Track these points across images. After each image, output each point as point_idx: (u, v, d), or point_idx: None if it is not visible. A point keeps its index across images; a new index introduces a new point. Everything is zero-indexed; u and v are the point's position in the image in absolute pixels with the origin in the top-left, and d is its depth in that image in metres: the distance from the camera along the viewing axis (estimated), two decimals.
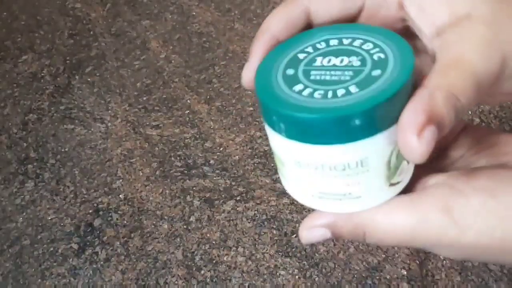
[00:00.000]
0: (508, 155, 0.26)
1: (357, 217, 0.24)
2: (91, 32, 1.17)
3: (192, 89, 1.06)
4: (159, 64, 1.11)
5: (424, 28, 0.24)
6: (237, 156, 0.96)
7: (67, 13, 1.21)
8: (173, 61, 1.11)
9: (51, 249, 0.86)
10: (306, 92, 0.22)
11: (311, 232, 0.25)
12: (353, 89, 0.22)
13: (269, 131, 0.24)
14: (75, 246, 0.86)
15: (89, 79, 1.09)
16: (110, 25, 1.18)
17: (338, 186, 0.23)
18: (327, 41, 0.25)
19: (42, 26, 1.18)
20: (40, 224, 0.88)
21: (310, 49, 0.25)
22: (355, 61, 0.23)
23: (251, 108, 1.03)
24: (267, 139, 0.99)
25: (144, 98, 1.05)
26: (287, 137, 0.23)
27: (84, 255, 0.85)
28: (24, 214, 0.90)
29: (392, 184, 0.24)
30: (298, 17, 0.26)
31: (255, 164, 0.94)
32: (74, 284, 0.82)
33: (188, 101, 1.04)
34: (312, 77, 0.23)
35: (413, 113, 0.20)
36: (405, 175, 0.24)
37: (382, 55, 0.23)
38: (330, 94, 0.22)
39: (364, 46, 0.24)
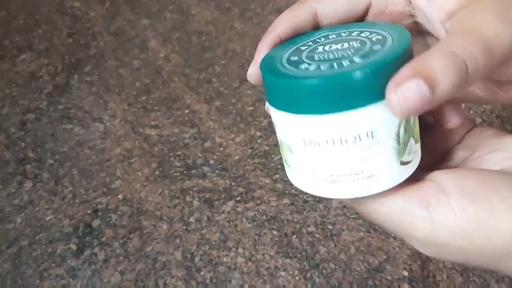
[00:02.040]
0: (509, 159, 0.26)
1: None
2: (90, 31, 1.16)
3: (192, 88, 1.06)
4: (158, 64, 1.10)
5: (434, 15, 0.24)
6: (237, 156, 0.95)
7: (66, 12, 1.20)
8: (172, 60, 1.11)
9: (50, 249, 0.85)
10: (312, 67, 0.23)
11: None
12: (357, 59, 0.22)
13: (275, 114, 0.24)
14: (74, 247, 0.85)
15: (87, 79, 1.08)
16: (109, 24, 1.18)
17: (350, 163, 0.23)
18: (326, 36, 0.26)
19: (41, 25, 1.18)
20: (39, 224, 0.88)
21: (311, 43, 0.26)
22: (356, 44, 0.24)
23: (251, 108, 1.02)
24: (267, 139, 0.99)
25: (143, 98, 1.05)
26: (294, 112, 0.23)
27: (83, 256, 0.84)
28: (23, 214, 0.89)
29: (403, 163, 0.24)
30: (305, 19, 0.27)
31: (255, 164, 0.94)
32: (72, 285, 0.81)
33: (188, 100, 1.04)
34: (316, 58, 0.24)
35: (401, 70, 0.20)
36: (415, 156, 0.24)
37: (380, 37, 0.24)
38: (335, 65, 0.22)
39: (362, 35, 0.25)
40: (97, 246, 0.85)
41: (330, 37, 0.26)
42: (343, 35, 0.25)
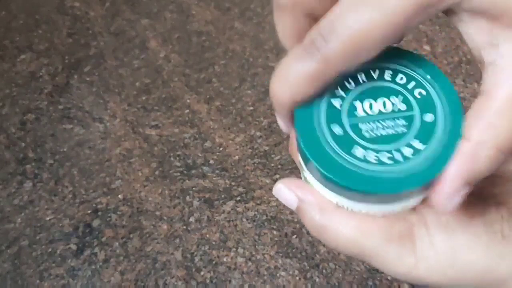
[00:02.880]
0: (505, 184, 0.25)
1: (330, 215, 0.24)
2: (90, 31, 1.16)
3: (192, 88, 1.06)
4: (158, 64, 1.10)
5: (475, 34, 0.21)
6: (237, 156, 0.95)
7: (66, 12, 1.20)
8: (172, 60, 1.11)
9: (50, 249, 0.85)
10: (370, 157, 0.21)
11: (285, 190, 0.25)
12: (417, 144, 0.21)
13: (310, 178, 0.23)
14: (74, 247, 0.85)
15: (87, 79, 1.08)
16: (109, 24, 1.18)
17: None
18: (354, 77, 0.23)
19: (41, 25, 1.18)
20: (39, 224, 0.88)
21: (340, 91, 0.22)
22: (399, 103, 0.22)
23: (251, 108, 1.02)
24: (267, 139, 0.99)
25: (143, 98, 1.05)
26: (337, 194, 0.22)
27: (83, 255, 0.84)
28: (23, 214, 0.89)
29: None
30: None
31: (255, 164, 0.94)
32: (72, 285, 0.81)
33: (188, 100, 1.04)
34: (366, 134, 0.21)
35: (452, 179, 0.20)
36: None
37: (422, 90, 0.22)
38: (399, 156, 0.21)
39: (398, 79, 0.22)
40: (97, 246, 0.85)
41: (359, 78, 0.22)
42: (374, 75, 0.23)
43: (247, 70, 1.08)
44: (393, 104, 0.22)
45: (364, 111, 0.22)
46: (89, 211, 0.89)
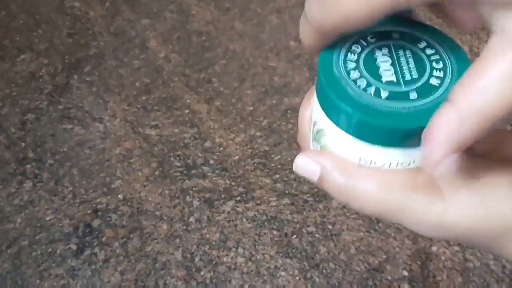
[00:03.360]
0: None
1: (354, 175, 0.24)
2: (90, 31, 1.16)
3: (192, 88, 1.06)
4: (158, 64, 1.10)
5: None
6: (237, 156, 0.95)
7: (66, 12, 1.20)
8: (172, 60, 1.11)
9: (50, 249, 0.85)
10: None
11: (306, 161, 0.25)
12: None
13: (329, 127, 0.25)
14: (74, 247, 0.85)
15: (87, 79, 1.08)
16: (109, 24, 1.18)
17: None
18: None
19: (41, 25, 1.18)
20: (39, 224, 0.88)
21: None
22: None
23: (251, 108, 1.02)
24: (267, 139, 0.99)
25: (143, 98, 1.05)
26: (357, 137, 0.23)
27: (83, 256, 0.84)
28: (23, 214, 0.89)
29: None
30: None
31: (255, 164, 0.94)
32: (72, 285, 0.81)
33: (188, 100, 1.04)
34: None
35: (437, 146, 0.21)
36: None
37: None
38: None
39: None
40: (97, 246, 0.85)
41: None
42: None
43: (247, 70, 1.08)
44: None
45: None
46: (89, 211, 0.89)
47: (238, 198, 0.89)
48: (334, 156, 0.25)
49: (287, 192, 0.90)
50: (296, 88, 1.04)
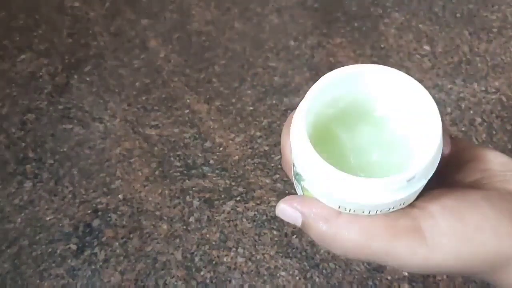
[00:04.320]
0: (482, 172, 0.26)
1: (334, 223, 0.24)
2: (90, 31, 1.16)
3: (192, 88, 1.06)
4: (158, 64, 1.10)
5: None
6: (237, 156, 0.95)
7: (66, 12, 1.20)
8: (172, 60, 1.11)
9: (50, 249, 0.85)
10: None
11: (288, 209, 0.26)
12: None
13: (308, 184, 0.25)
14: (74, 247, 0.85)
15: (87, 79, 1.08)
16: (109, 24, 1.18)
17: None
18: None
19: (41, 25, 1.18)
20: (39, 224, 0.88)
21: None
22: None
23: (251, 108, 1.02)
24: (267, 139, 0.99)
25: (143, 98, 1.05)
26: (336, 194, 0.24)
27: (83, 255, 0.84)
28: (23, 214, 0.89)
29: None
30: None
31: (255, 164, 0.94)
32: (72, 285, 0.81)
33: (188, 100, 1.04)
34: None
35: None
36: None
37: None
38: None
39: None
40: (97, 246, 0.85)
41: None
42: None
43: (247, 70, 1.08)
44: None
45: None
46: (89, 211, 0.89)
47: (238, 198, 0.89)
48: (314, 203, 0.25)
49: (287, 192, 0.90)
50: (296, 88, 1.04)
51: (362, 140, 0.26)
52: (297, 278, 0.79)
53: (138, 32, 1.16)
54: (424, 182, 0.23)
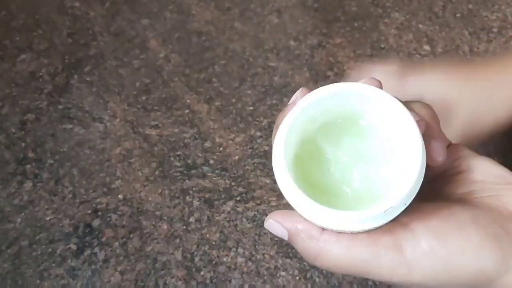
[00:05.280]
0: (475, 184, 0.26)
1: (318, 240, 0.25)
2: (90, 31, 1.16)
3: (192, 88, 1.06)
4: (158, 64, 1.10)
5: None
6: (237, 156, 0.95)
7: (66, 12, 1.20)
8: (172, 60, 1.11)
9: (50, 249, 0.85)
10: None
11: (274, 224, 0.27)
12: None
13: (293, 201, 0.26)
14: (74, 247, 0.85)
15: (87, 79, 1.08)
16: (109, 24, 1.18)
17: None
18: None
19: (41, 25, 1.18)
20: (39, 224, 0.88)
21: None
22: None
23: (251, 108, 1.02)
24: (267, 139, 0.99)
25: (143, 98, 1.05)
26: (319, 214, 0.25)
27: (83, 256, 0.84)
28: (23, 214, 0.89)
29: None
30: None
31: (255, 164, 0.94)
32: (72, 285, 0.81)
33: (188, 100, 1.04)
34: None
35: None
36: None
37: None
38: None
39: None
40: (97, 246, 0.85)
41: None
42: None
43: (247, 70, 1.08)
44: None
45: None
46: (89, 211, 0.89)
47: (238, 198, 0.89)
48: (299, 220, 0.26)
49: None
50: (296, 88, 1.04)
51: (347, 152, 0.26)
52: (297, 278, 0.80)
53: (138, 32, 1.16)
54: (403, 208, 0.23)
